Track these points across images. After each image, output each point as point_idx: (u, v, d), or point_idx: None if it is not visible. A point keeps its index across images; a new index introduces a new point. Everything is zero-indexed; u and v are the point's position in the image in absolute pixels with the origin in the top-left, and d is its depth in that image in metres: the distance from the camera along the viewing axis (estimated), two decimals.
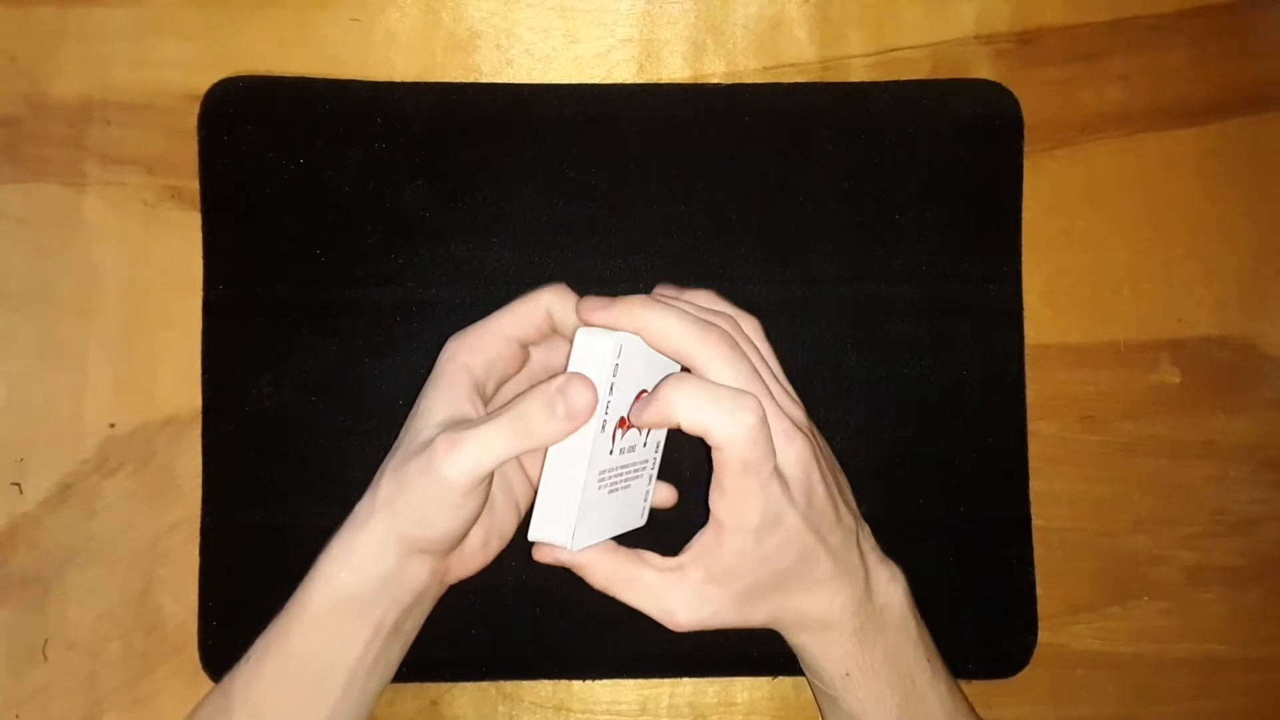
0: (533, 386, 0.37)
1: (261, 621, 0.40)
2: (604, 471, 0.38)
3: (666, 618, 0.39)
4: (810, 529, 0.37)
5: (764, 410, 0.36)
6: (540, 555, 0.39)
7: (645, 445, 0.39)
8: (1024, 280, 0.50)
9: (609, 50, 0.50)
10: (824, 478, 0.38)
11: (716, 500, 0.37)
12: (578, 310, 0.38)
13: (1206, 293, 0.51)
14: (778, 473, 0.37)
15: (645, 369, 0.38)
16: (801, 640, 0.40)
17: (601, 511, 0.38)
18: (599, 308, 0.37)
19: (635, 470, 0.40)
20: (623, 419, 0.38)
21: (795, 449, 0.37)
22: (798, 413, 0.39)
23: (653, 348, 0.37)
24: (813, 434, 0.39)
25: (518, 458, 0.40)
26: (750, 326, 0.40)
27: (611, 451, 0.38)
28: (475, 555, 0.41)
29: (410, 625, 0.40)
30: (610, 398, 0.36)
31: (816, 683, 0.42)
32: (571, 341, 0.37)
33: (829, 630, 0.39)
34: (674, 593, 0.38)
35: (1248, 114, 0.52)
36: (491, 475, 0.37)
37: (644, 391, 0.38)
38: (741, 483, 0.36)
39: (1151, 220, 0.51)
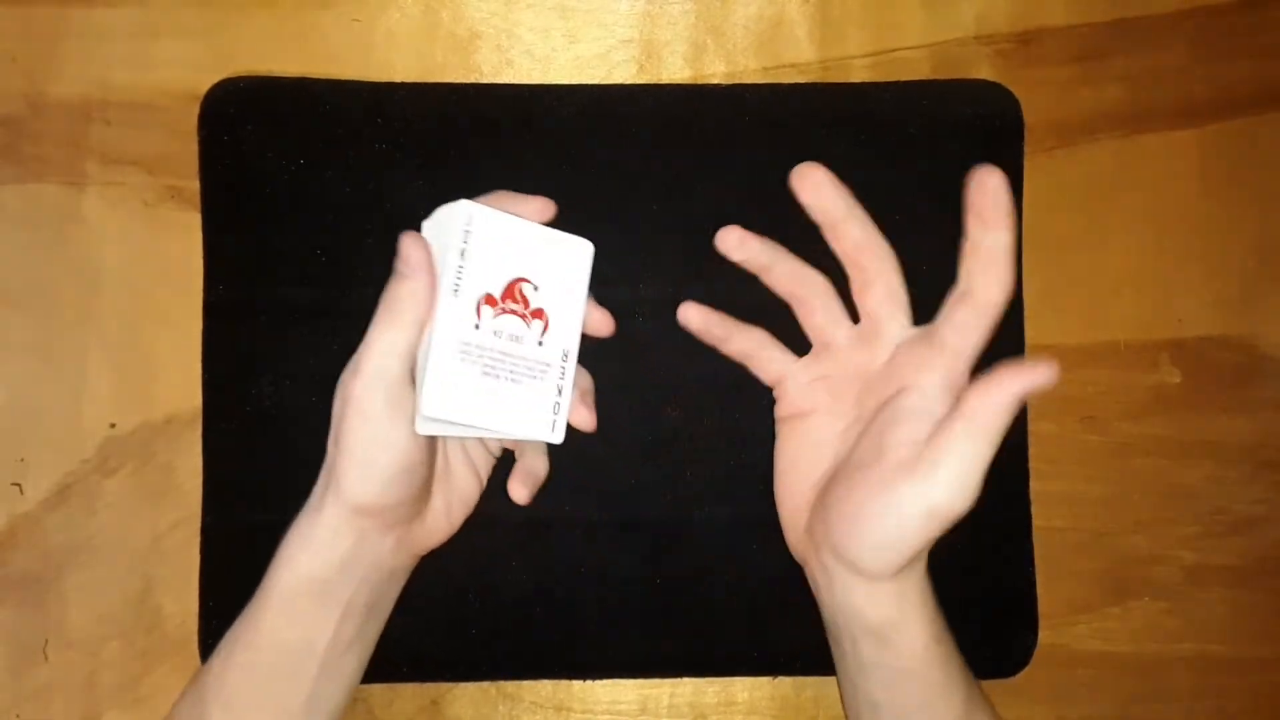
0: None
1: None
2: (469, 345, 0.38)
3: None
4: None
5: None
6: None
7: (543, 345, 0.39)
8: (1024, 280, 0.50)
9: (609, 50, 0.50)
10: None
11: (959, 333, 0.38)
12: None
13: (1207, 293, 0.51)
14: None
15: (522, 253, 0.39)
16: (889, 579, 0.38)
17: (473, 389, 0.38)
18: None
19: (529, 369, 0.39)
20: (490, 296, 0.38)
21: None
22: None
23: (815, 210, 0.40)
24: None
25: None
26: None
27: (478, 327, 0.38)
28: (440, 523, 0.41)
29: (384, 602, 0.41)
30: (463, 263, 0.37)
31: (893, 659, 0.39)
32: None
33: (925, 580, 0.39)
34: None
35: (1248, 114, 0.52)
36: (409, 392, 0.37)
37: (520, 279, 0.39)
38: (982, 326, 0.38)
39: (1152, 220, 0.51)
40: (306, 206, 0.48)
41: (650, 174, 0.49)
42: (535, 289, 0.39)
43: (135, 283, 0.48)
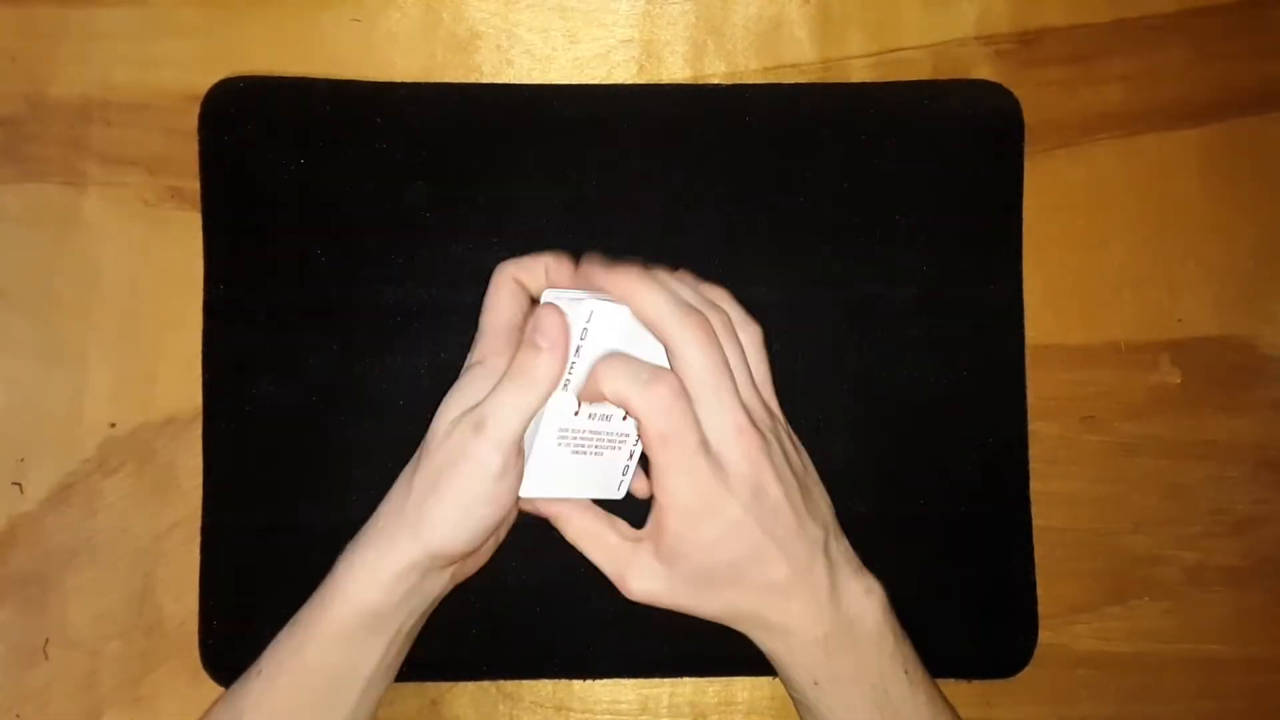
0: None
1: (261, 621, 0.40)
2: (566, 430, 0.39)
3: (620, 582, 0.40)
4: (760, 527, 0.37)
5: (681, 387, 0.36)
6: (522, 503, 0.40)
7: (626, 419, 0.40)
8: (1024, 280, 0.50)
9: (609, 51, 0.50)
10: (780, 480, 0.38)
11: (654, 480, 0.38)
12: (580, 266, 0.39)
13: (1207, 293, 0.51)
14: (714, 459, 0.37)
15: (627, 346, 0.39)
16: (766, 644, 0.41)
17: (562, 469, 0.40)
18: (598, 268, 0.38)
19: (611, 441, 0.40)
20: None
21: (743, 444, 0.37)
22: (762, 415, 0.39)
23: (637, 318, 0.38)
24: (778, 439, 0.39)
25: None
26: (750, 335, 0.40)
27: (577, 413, 0.38)
28: (488, 552, 0.42)
29: (421, 624, 0.41)
30: (576, 359, 0.38)
31: (788, 689, 0.42)
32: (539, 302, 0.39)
33: (790, 637, 0.39)
34: (631, 561, 0.39)
35: (1248, 114, 0.52)
36: (520, 454, 0.38)
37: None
38: (663, 457, 0.37)
39: (1152, 221, 0.51)
40: (306, 206, 0.48)
41: (650, 174, 0.49)
42: None
43: (135, 283, 0.48)
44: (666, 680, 0.49)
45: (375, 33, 0.50)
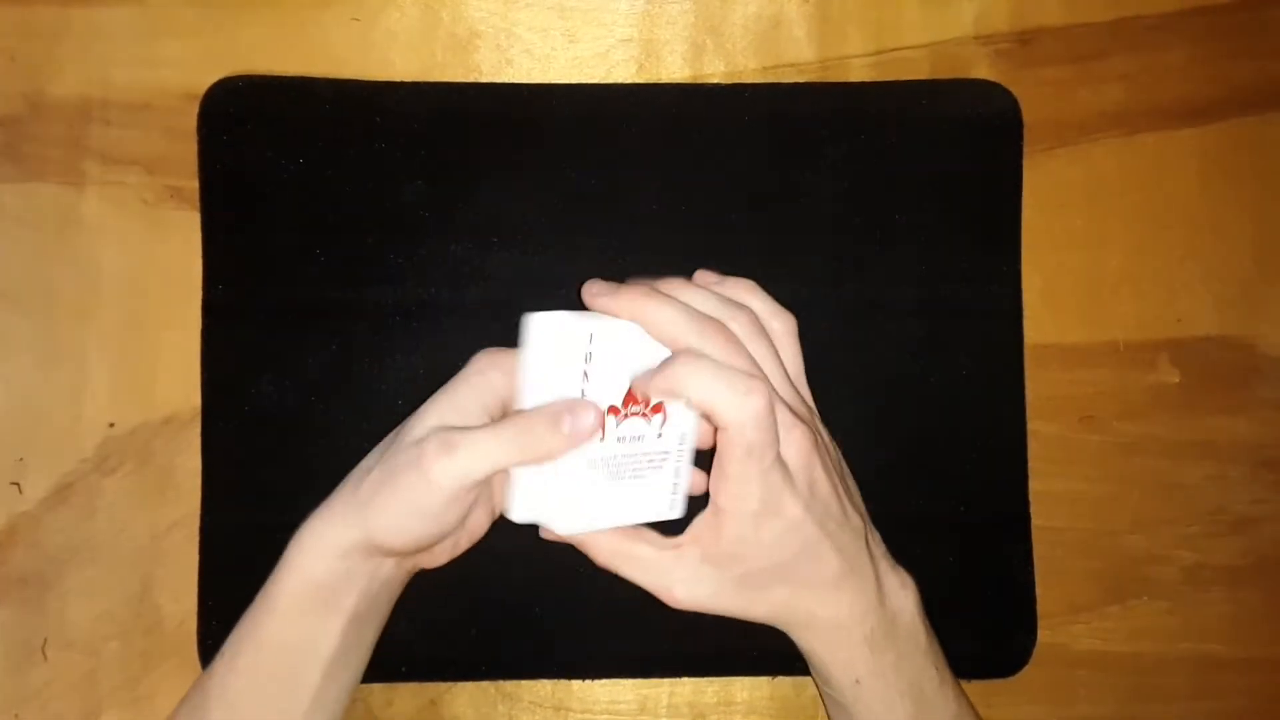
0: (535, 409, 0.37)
1: None
2: (595, 459, 0.38)
3: (665, 593, 0.39)
4: (815, 522, 0.37)
5: (775, 396, 0.36)
6: (544, 533, 0.40)
7: (661, 436, 0.39)
8: (1023, 280, 0.50)
9: (608, 50, 0.50)
10: (827, 473, 0.38)
11: (717, 483, 0.37)
12: (583, 293, 0.38)
13: (1206, 293, 0.51)
14: (780, 462, 0.37)
15: (638, 359, 0.38)
16: (810, 642, 0.40)
17: (602, 499, 0.39)
18: (602, 293, 0.38)
19: (650, 461, 0.39)
20: (614, 407, 0.38)
21: (795, 439, 0.37)
22: (802, 408, 0.39)
23: (653, 337, 0.37)
24: (817, 431, 0.39)
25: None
26: (782, 325, 0.40)
27: (603, 439, 0.38)
28: (443, 552, 0.41)
29: (382, 609, 0.41)
30: (586, 384, 0.37)
31: (826, 689, 0.42)
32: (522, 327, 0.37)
33: (839, 632, 0.39)
34: (672, 570, 0.39)
35: (1247, 114, 0.52)
36: (476, 487, 0.37)
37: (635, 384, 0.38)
38: (744, 467, 0.36)
39: (1151, 220, 0.51)
40: (306, 206, 0.48)
41: (649, 174, 0.49)
42: None
43: (135, 282, 0.48)
44: (665, 680, 0.49)
45: (374, 32, 0.50)
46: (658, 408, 0.38)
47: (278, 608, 0.38)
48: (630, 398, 0.38)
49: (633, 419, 0.38)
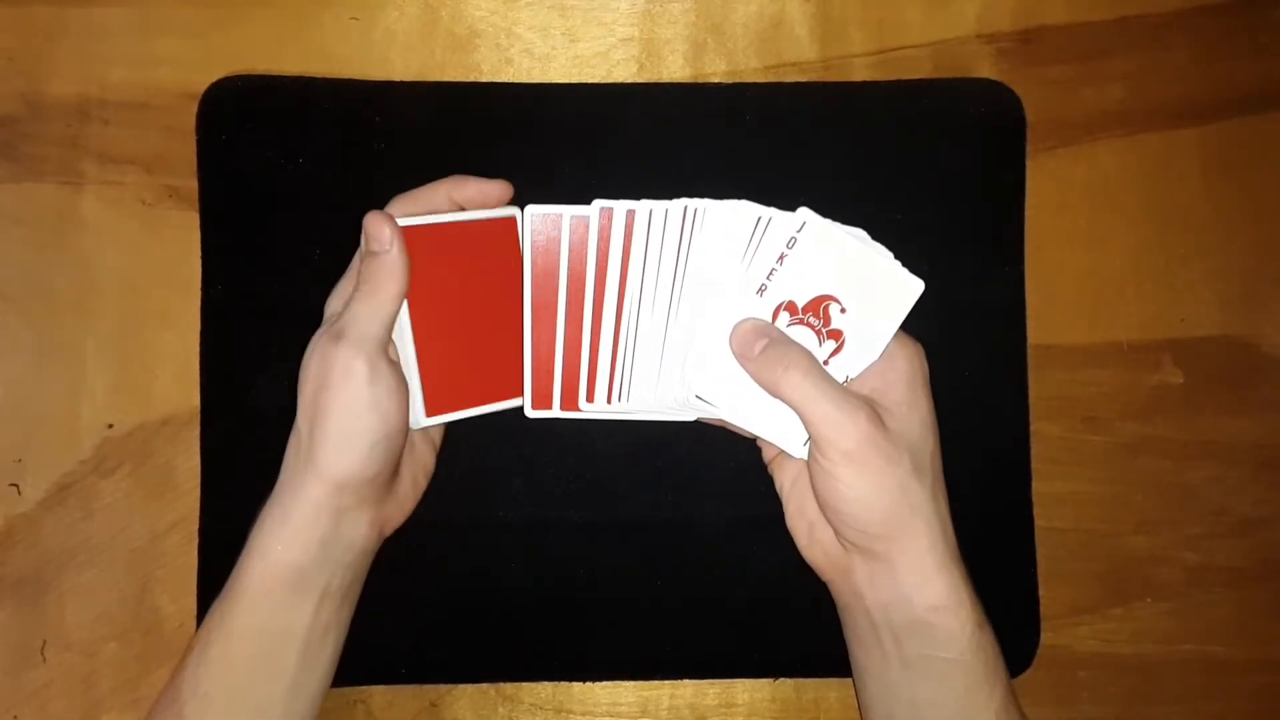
0: None
1: None
2: None
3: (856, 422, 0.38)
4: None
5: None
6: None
7: (828, 366, 0.39)
8: (1026, 280, 0.50)
9: (609, 49, 0.50)
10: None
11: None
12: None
13: (1209, 293, 0.51)
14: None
15: (845, 280, 0.38)
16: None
17: (743, 385, 0.39)
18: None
19: None
20: (793, 304, 0.38)
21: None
22: None
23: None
24: None
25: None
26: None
27: (773, 322, 0.39)
28: (407, 496, 0.42)
29: (356, 585, 0.41)
30: (777, 266, 0.38)
31: (939, 649, 0.39)
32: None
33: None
34: (843, 425, 0.38)
35: (1250, 113, 0.51)
36: (388, 358, 0.39)
37: (830, 298, 0.38)
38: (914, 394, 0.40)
39: (1154, 220, 0.51)
40: (305, 205, 0.48)
41: (650, 174, 0.49)
42: (843, 311, 0.39)
43: (133, 282, 0.48)
44: (666, 682, 0.49)
45: (374, 31, 0.49)
46: (835, 334, 0.38)
47: (246, 594, 0.38)
48: (813, 308, 0.38)
49: (804, 328, 0.38)
